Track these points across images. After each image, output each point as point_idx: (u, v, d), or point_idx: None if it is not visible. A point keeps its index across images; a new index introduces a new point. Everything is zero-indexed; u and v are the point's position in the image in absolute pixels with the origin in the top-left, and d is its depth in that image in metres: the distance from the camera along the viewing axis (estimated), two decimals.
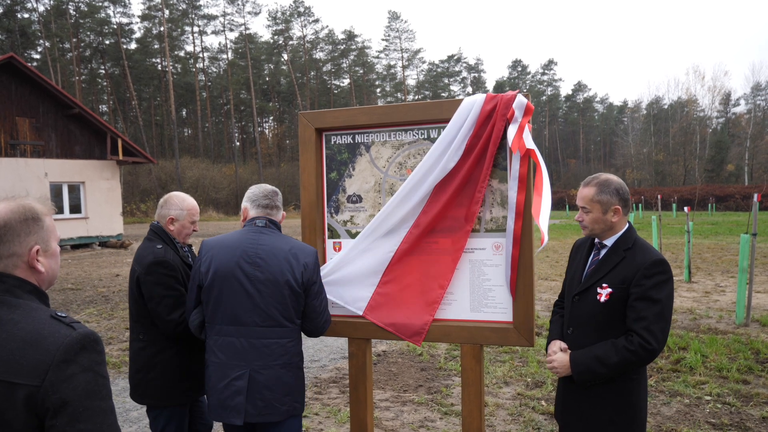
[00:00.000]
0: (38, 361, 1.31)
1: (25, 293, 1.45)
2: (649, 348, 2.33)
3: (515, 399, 5.18)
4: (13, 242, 1.44)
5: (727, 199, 50.01)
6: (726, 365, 5.84)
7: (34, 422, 1.31)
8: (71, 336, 1.36)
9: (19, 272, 1.46)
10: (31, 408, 1.30)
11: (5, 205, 1.46)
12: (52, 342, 1.34)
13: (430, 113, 2.96)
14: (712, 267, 13.62)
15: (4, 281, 1.43)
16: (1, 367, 1.31)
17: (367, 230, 3.04)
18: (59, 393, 1.30)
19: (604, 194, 2.51)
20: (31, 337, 1.34)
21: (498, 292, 2.90)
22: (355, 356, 3.14)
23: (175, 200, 3.13)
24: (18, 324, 1.37)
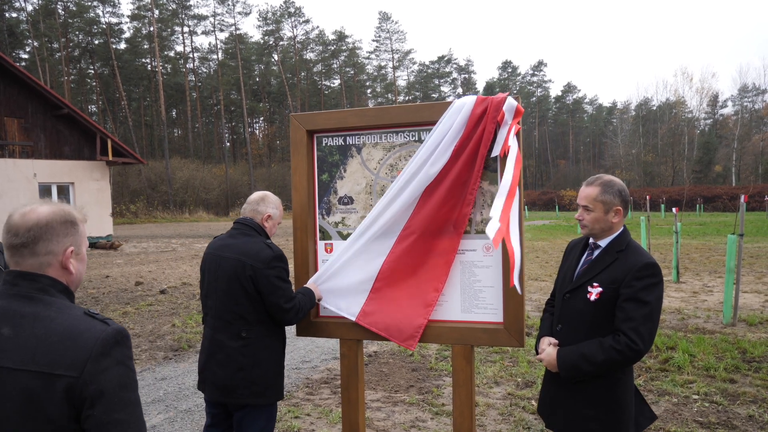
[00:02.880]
0: (77, 355, 1.40)
1: (57, 292, 1.53)
2: (636, 348, 2.36)
3: (506, 399, 5.22)
4: (51, 241, 1.53)
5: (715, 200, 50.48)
6: (713, 364, 5.91)
7: (71, 412, 1.39)
8: (106, 331, 1.46)
9: (51, 272, 1.54)
10: (70, 398, 1.38)
11: (48, 207, 1.56)
12: (89, 337, 1.43)
13: (421, 115, 2.98)
14: (700, 267, 13.75)
15: (39, 280, 1.51)
16: (43, 359, 1.39)
17: (358, 233, 3.06)
18: (96, 384, 1.39)
19: (608, 194, 2.54)
20: (68, 332, 1.43)
21: (488, 293, 2.93)
22: (347, 357, 3.16)
23: (272, 199, 3.18)
24: (55, 320, 1.45)
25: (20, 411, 1.38)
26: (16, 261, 1.53)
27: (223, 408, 3.12)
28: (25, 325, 1.44)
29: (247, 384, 2.95)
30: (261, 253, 2.92)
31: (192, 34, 68.08)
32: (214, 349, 3.01)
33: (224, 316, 2.97)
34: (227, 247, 3.01)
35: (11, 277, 1.52)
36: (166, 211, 50.11)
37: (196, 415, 5.05)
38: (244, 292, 2.91)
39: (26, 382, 1.39)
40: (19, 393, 1.39)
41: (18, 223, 1.51)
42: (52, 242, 1.53)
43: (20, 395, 1.38)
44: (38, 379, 1.38)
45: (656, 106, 74.63)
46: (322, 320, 3.21)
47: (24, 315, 1.46)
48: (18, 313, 1.46)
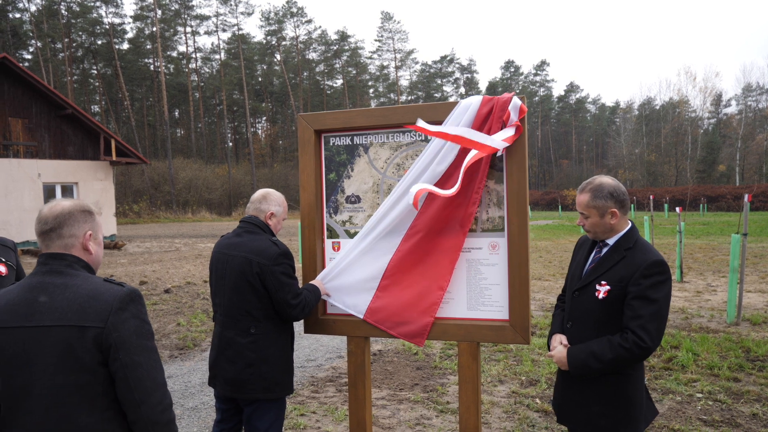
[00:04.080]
0: (101, 310, 1.75)
1: (81, 267, 1.88)
2: (644, 346, 2.38)
3: (510, 397, 5.24)
4: (73, 226, 1.89)
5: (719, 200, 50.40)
6: (717, 363, 5.93)
7: (99, 357, 1.74)
8: (123, 291, 1.81)
9: (75, 251, 1.90)
10: (98, 344, 1.73)
11: (69, 201, 1.95)
12: (109, 296, 1.78)
13: (427, 115, 3.01)
14: (704, 267, 13.75)
15: (65, 258, 1.86)
16: (74, 316, 1.73)
17: (365, 231, 3.09)
18: (118, 332, 1.74)
19: (599, 199, 2.57)
20: (93, 293, 1.78)
21: (494, 290, 2.96)
22: (354, 354, 3.19)
23: (275, 197, 3.23)
24: (81, 286, 1.80)
25: (60, 358, 1.71)
26: (46, 245, 1.88)
27: (234, 404, 3.16)
28: (57, 292, 1.78)
29: (257, 379, 2.99)
30: (267, 250, 2.98)
31: (195, 35, 68.18)
32: (223, 345, 3.06)
33: (233, 313, 3.03)
34: (234, 245, 3.07)
35: (43, 259, 1.86)
36: (169, 211, 50.22)
37: (202, 412, 5.08)
38: (251, 289, 2.97)
39: (63, 334, 1.72)
40: (58, 344, 1.72)
41: (46, 214, 1.88)
42: (74, 227, 1.89)
43: (59, 345, 1.72)
44: (72, 331, 1.72)
45: (659, 105, 74.56)
46: (330, 318, 3.24)
47: (56, 285, 1.80)
48: (51, 284, 1.80)
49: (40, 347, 1.72)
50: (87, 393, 1.74)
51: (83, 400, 1.74)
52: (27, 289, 1.81)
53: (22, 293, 1.80)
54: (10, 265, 3.49)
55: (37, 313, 1.75)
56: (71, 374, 1.71)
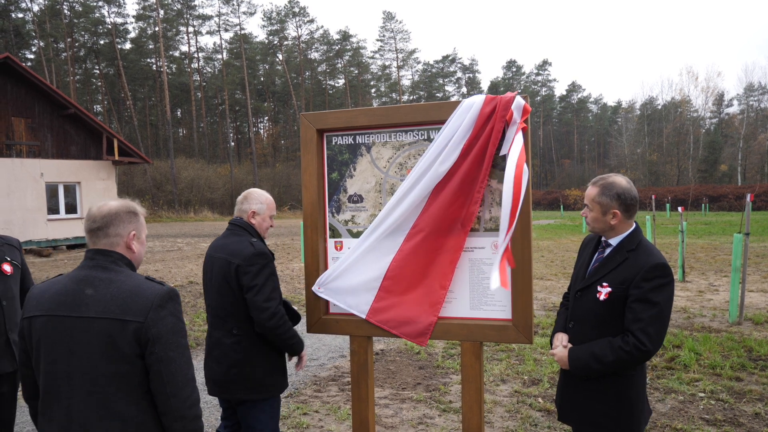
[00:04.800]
0: (142, 306, 1.87)
1: (124, 264, 2.01)
2: (644, 349, 2.39)
3: (512, 396, 5.25)
4: (119, 226, 2.02)
5: (721, 200, 50.30)
6: (719, 363, 5.92)
7: (137, 350, 1.86)
8: (162, 289, 1.93)
9: (119, 249, 2.03)
10: (137, 338, 1.85)
11: (117, 202, 2.08)
12: (150, 293, 1.90)
13: (430, 114, 3.01)
14: (706, 266, 13.73)
15: (110, 255, 2.00)
16: (117, 310, 1.86)
17: (368, 231, 3.09)
18: (156, 328, 1.86)
19: (605, 197, 2.57)
20: (135, 290, 1.90)
21: (497, 290, 2.96)
22: (357, 353, 3.20)
23: (255, 195, 3.27)
24: (124, 282, 1.92)
25: (102, 348, 1.85)
26: (93, 241, 2.02)
27: (230, 402, 3.20)
28: (102, 286, 1.91)
29: (241, 380, 3.04)
30: (243, 251, 3.04)
31: (197, 34, 68.23)
32: (211, 346, 3.15)
33: (218, 313, 3.11)
34: (219, 247, 3.16)
35: (90, 254, 2.01)
36: (171, 211, 50.27)
37: (205, 412, 5.10)
38: (230, 290, 3.04)
39: (106, 326, 1.85)
40: (101, 334, 1.85)
41: (95, 213, 2.02)
42: (119, 227, 2.02)
43: (102, 336, 1.85)
44: (114, 324, 1.85)
45: (661, 105, 74.46)
46: (332, 317, 3.24)
47: (101, 279, 1.93)
48: (97, 278, 1.93)
49: (84, 336, 1.86)
50: (124, 382, 1.86)
51: (120, 389, 1.86)
52: (75, 281, 1.95)
53: (69, 284, 1.94)
54: (15, 264, 3.50)
55: (84, 304, 1.88)
56: (111, 363, 1.85)
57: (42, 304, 1.93)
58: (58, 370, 1.87)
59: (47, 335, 1.89)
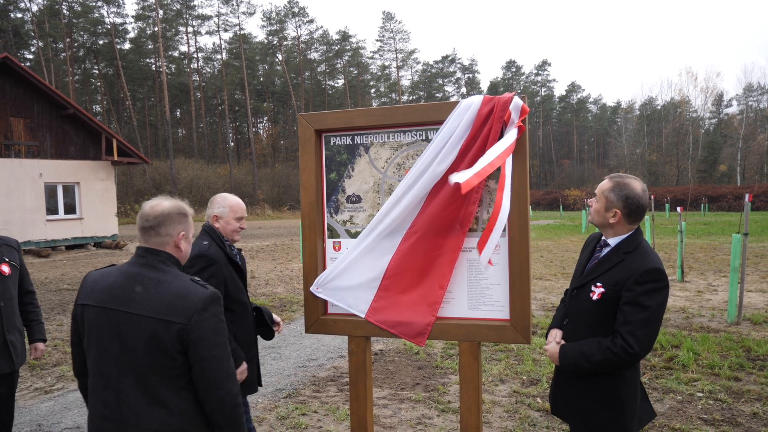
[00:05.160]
0: (187, 309, 1.98)
1: (172, 264, 2.12)
2: (631, 352, 2.39)
3: (511, 396, 5.25)
4: (170, 226, 2.14)
5: (720, 200, 50.34)
6: (718, 363, 5.93)
7: (180, 348, 1.97)
8: (206, 293, 2.03)
9: (168, 249, 2.14)
10: (180, 338, 1.97)
11: (169, 202, 2.18)
12: (194, 296, 2.01)
13: (428, 115, 3.01)
14: (705, 267, 13.74)
15: (160, 254, 2.11)
16: (163, 310, 1.97)
17: (366, 231, 3.09)
18: (198, 330, 1.97)
19: (613, 194, 2.57)
20: (181, 292, 2.01)
21: (495, 290, 2.96)
22: (355, 354, 3.19)
23: (218, 199, 3.32)
24: (171, 283, 2.04)
25: (148, 344, 1.97)
26: (145, 239, 2.13)
27: None
28: (151, 285, 2.03)
29: None
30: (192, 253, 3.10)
31: (196, 34, 68.26)
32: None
33: None
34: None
35: (141, 251, 2.12)
36: None
37: None
38: None
39: (152, 324, 1.97)
40: (147, 331, 1.97)
41: (148, 212, 2.13)
42: (170, 227, 2.13)
43: (148, 332, 1.97)
44: (160, 323, 1.96)
45: (661, 105, 74.52)
46: (331, 317, 3.24)
47: (150, 278, 2.05)
48: (146, 277, 2.05)
49: (132, 330, 1.99)
50: (167, 373, 2.00)
51: (164, 379, 2.00)
52: (125, 277, 2.08)
53: (120, 279, 2.08)
54: (13, 264, 3.50)
55: (133, 301, 2.02)
56: (156, 357, 1.98)
57: (95, 295, 2.09)
58: (109, 357, 2.03)
59: (98, 325, 2.06)
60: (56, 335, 8.06)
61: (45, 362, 6.70)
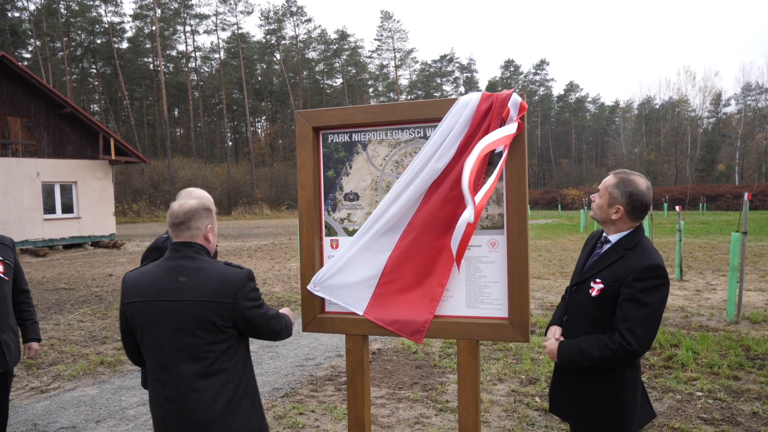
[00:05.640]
0: (230, 288, 2.30)
1: (204, 253, 2.40)
2: (629, 349, 2.36)
3: (509, 396, 5.23)
4: (198, 220, 2.40)
5: (718, 199, 50.36)
6: (717, 362, 5.91)
7: (230, 323, 2.31)
8: (242, 272, 2.37)
9: (199, 240, 2.41)
10: (229, 314, 2.30)
11: (195, 200, 2.44)
12: (234, 277, 2.33)
13: (426, 112, 2.98)
14: (703, 266, 13.74)
15: (193, 246, 2.38)
16: (209, 293, 2.28)
17: (363, 229, 3.07)
18: (243, 303, 2.32)
19: (617, 190, 2.55)
20: (221, 275, 2.32)
21: (494, 288, 2.93)
22: (353, 353, 3.17)
23: (182, 193, 3.27)
24: (210, 270, 2.33)
25: (201, 324, 2.27)
26: (177, 234, 2.38)
27: None
28: (193, 274, 2.31)
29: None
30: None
31: (194, 33, 68.34)
32: None
33: None
34: None
35: (176, 246, 2.37)
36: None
37: None
38: None
39: (202, 307, 2.26)
40: (198, 313, 2.26)
41: (177, 210, 2.38)
42: (198, 221, 2.40)
43: (199, 315, 2.26)
44: (209, 305, 2.27)
45: (659, 104, 74.61)
46: (328, 316, 3.21)
47: (191, 268, 2.32)
48: (186, 267, 2.33)
49: (184, 316, 2.26)
50: (221, 346, 2.31)
51: (219, 352, 2.31)
52: (166, 271, 2.33)
53: (162, 274, 2.33)
54: (7, 263, 3.47)
55: (180, 290, 2.28)
56: (209, 335, 2.28)
57: (140, 291, 2.33)
58: (166, 345, 2.28)
59: (149, 318, 2.30)
60: (52, 335, 8.02)
61: (41, 362, 6.67)
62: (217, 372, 2.32)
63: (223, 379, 2.33)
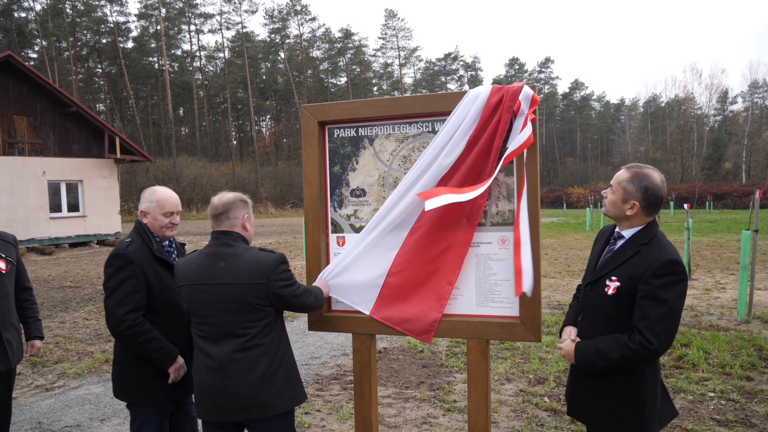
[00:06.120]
0: (264, 271, 2.57)
1: (242, 241, 2.69)
2: (650, 348, 2.29)
3: (518, 396, 5.15)
4: (236, 210, 2.70)
5: (725, 197, 50.02)
6: (729, 362, 5.82)
7: (266, 302, 2.59)
8: (275, 256, 2.61)
9: (237, 229, 2.70)
10: (264, 294, 2.57)
11: (232, 193, 2.75)
12: (267, 261, 2.59)
13: (435, 105, 2.92)
14: (712, 264, 13.61)
15: (231, 234, 2.67)
16: (246, 276, 2.55)
17: (371, 226, 3.00)
18: (276, 283, 2.58)
19: (632, 185, 2.47)
20: (255, 260, 2.59)
21: (504, 286, 2.86)
22: (360, 352, 3.11)
23: (146, 193, 3.09)
24: (245, 255, 2.61)
25: (240, 303, 2.55)
26: (217, 224, 2.68)
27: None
28: (230, 259, 2.59)
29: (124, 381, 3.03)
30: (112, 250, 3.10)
31: (199, 33, 68.22)
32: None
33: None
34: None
35: (216, 234, 2.67)
36: None
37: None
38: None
39: (240, 288, 2.54)
40: (237, 294, 2.54)
41: (217, 203, 2.69)
42: (236, 211, 2.69)
43: (238, 295, 2.54)
44: (245, 286, 2.54)
45: (665, 102, 74.20)
46: (334, 314, 3.15)
47: (229, 254, 2.60)
48: (225, 254, 2.61)
49: (226, 297, 2.55)
50: (258, 324, 2.59)
51: (258, 330, 2.59)
52: (208, 257, 2.62)
53: (204, 260, 2.62)
54: (9, 260, 3.42)
55: (219, 274, 2.56)
56: (248, 314, 2.56)
57: (187, 276, 2.62)
58: (212, 322, 2.58)
59: (194, 299, 2.60)
60: (58, 332, 7.99)
61: (46, 359, 6.63)
62: (254, 346, 2.57)
63: (260, 352, 2.58)
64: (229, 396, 2.56)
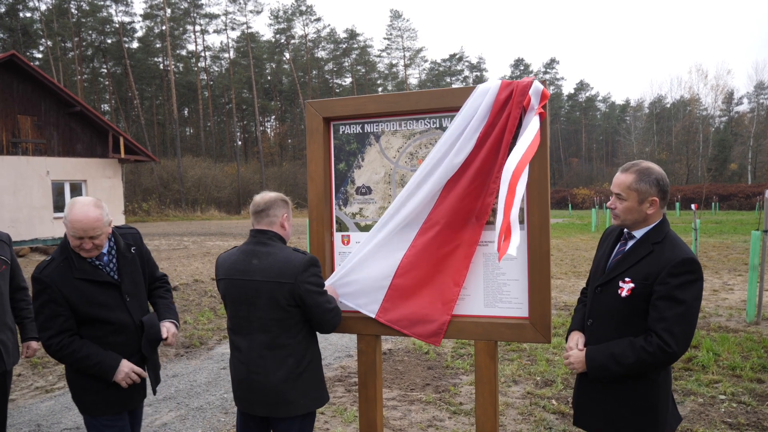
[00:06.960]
0: (292, 271, 2.59)
1: (278, 240, 2.73)
2: (669, 351, 2.21)
3: (525, 398, 5.07)
4: (276, 209, 2.74)
5: (731, 198, 49.74)
6: (739, 364, 5.72)
7: (292, 302, 2.60)
8: (305, 258, 2.63)
9: (275, 228, 2.74)
10: (291, 294, 2.59)
11: (273, 193, 2.81)
12: (297, 261, 2.61)
13: (442, 101, 2.85)
14: (719, 265, 13.48)
15: (267, 233, 2.71)
16: (276, 274, 2.59)
17: (378, 225, 2.92)
18: (303, 286, 2.59)
19: (644, 183, 2.37)
20: (287, 259, 2.62)
21: (513, 286, 2.79)
22: (365, 353, 3.04)
23: (68, 203, 2.71)
24: (278, 254, 2.65)
25: (268, 301, 2.60)
26: (257, 221, 2.74)
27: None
28: (263, 257, 2.65)
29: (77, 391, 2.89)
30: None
31: (204, 33, 68.53)
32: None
33: None
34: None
35: (254, 233, 2.73)
36: (178, 209, 50.28)
37: (207, 413, 4.95)
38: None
39: (269, 286, 2.60)
40: (266, 292, 2.60)
41: (259, 200, 2.75)
42: (276, 210, 2.74)
43: (267, 293, 2.60)
44: (274, 285, 2.59)
45: (670, 103, 73.80)
46: None
47: (262, 252, 2.66)
48: (259, 251, 2.67)
49: (256, 293, 2.62)
50: (285, 323, 2.63)
51: (282, 328, 2.63)
52: (244, 254, 2.70)
53: (241, 256, 2.70)
54: (3, 259, 3.35)
55: (251, 271, 2.63)
56: (275, 312, 2.60)
57: (225, 271, 2.72)
58: (242, 316, 2.66)
59: (231, 293, 2.69)
60: None
61: (46, 360, 6.58)
62: (281, 346, 2.62)
63: (286, 353, 2.63)
64: (255, 391, 2.65)
